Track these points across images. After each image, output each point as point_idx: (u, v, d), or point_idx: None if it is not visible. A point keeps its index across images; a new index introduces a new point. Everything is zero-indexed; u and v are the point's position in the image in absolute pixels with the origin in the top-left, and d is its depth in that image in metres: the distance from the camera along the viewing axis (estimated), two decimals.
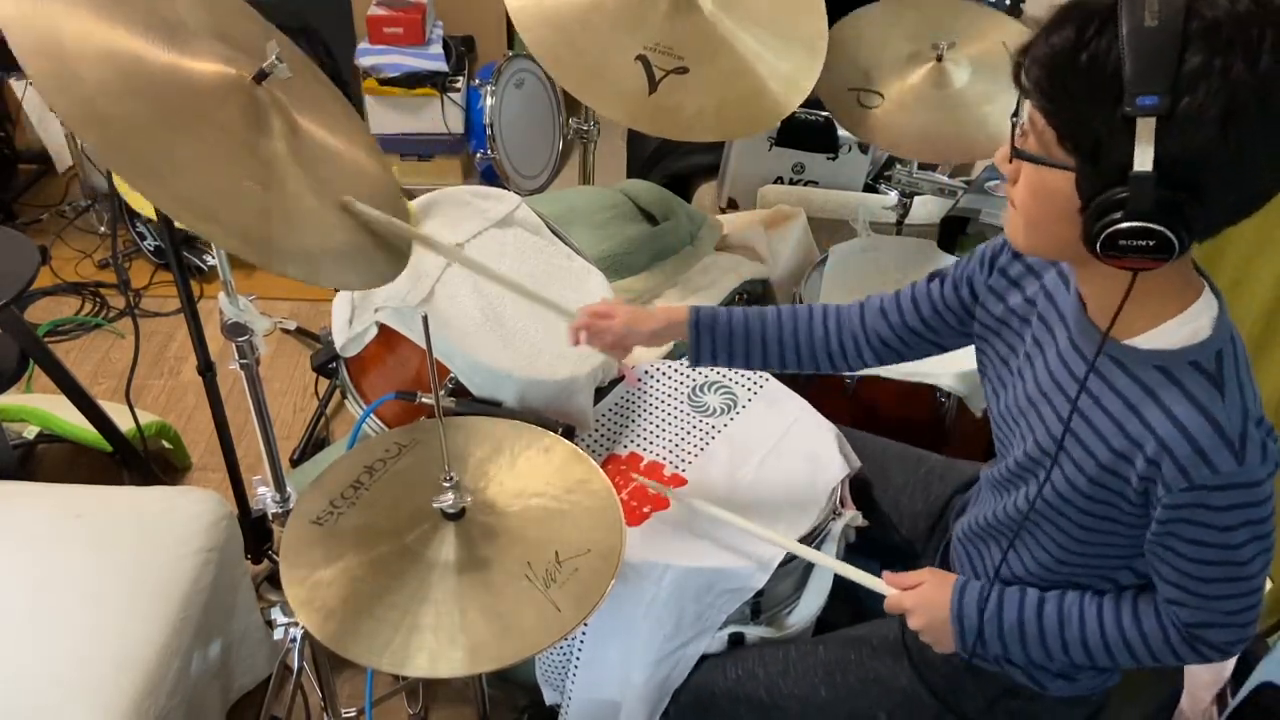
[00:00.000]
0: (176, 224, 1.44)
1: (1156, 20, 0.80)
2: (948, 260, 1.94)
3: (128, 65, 0.96)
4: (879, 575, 1.24)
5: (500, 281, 1.34)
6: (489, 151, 2.89)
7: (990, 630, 1.14)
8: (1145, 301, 0.95)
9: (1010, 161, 0.95)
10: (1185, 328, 0.95)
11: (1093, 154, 0.86)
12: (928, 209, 2.25)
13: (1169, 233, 0.83)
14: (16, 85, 2.89)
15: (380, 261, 1.15)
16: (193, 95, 1.01)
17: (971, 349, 1.26)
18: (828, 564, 1.33)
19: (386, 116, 3.05)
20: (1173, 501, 0.96)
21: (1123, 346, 0.99)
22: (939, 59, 1.88)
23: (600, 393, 1.59)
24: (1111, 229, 0.85)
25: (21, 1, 0.90)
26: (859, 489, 1.53)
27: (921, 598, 1.19)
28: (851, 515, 1.43)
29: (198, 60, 1.04)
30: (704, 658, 1.38)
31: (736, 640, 1.39)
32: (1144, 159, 0.81)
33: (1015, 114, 0.97)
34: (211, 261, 2.69)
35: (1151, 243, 0.84)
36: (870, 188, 2.44)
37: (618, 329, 1.32)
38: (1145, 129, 0.81)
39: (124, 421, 1.96)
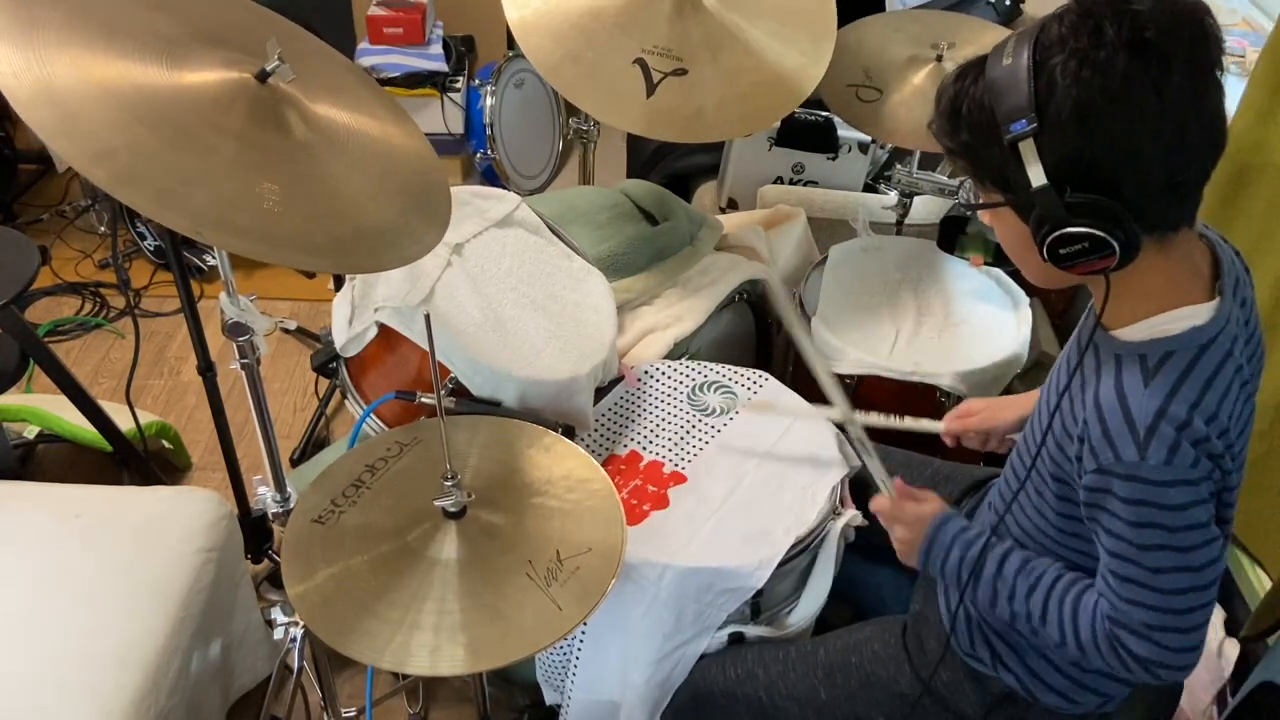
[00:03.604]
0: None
1: (1010, 58, 0.91)
2: (948, 260, 1.94)
3: (127, 94, 0.96)
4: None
5: None
6: (489, 151, 2.89)
7: (954, 557, 1.16)
8: (1128, 297, 0.99)
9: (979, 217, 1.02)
10: (1160, 326, 0.98)
11: (1007, 184, 0.95)
12: (928, 209, 2.25)
13: (1097, 231, 0.89)
14: None
15: (425, 227, 1.15)
16: (197, 107, 1.01)
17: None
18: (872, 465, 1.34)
19: None
20: (1088, 483, 0.99)
21: (1106, 335, 1.02)
22: (939, 59, 1.89)
23: (600, 393, 1.59)
24: (1048, 241, 0.92)
25: (10, 57, 0.91)
26: (860, 491, 1.53)
27: (914, 512, 1.23)
28: (851, 514, 1.44)
29: (198, 71, 1.03)
30: (702, 656, 1.38)
31: (736, 640, 1.39)
32: (1037, 175, 0.90)
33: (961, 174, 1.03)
34: (212, 261, 2.69)
35: (1086, 245, 0.91)
36: (870, 188, 2.44)
37: (981, 423, 1.40)
38: (1028, 150, 0.90)
39: (124, 421, 1.96)
